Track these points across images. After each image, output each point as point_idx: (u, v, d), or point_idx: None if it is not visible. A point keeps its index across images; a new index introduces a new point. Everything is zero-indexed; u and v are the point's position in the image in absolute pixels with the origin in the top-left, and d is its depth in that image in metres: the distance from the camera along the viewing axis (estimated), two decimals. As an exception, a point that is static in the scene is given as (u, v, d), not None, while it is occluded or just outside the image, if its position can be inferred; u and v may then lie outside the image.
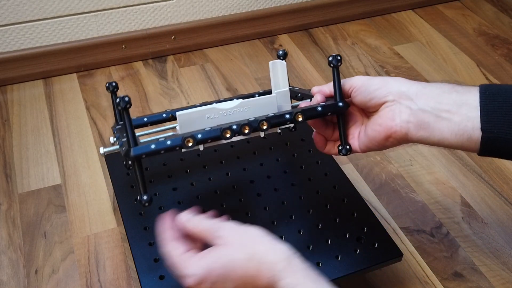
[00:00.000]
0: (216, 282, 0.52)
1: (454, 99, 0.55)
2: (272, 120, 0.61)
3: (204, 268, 0.52)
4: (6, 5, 1.03)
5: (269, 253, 0.52)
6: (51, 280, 0.76)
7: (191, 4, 1.18)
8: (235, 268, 0.52)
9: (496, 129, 0.53)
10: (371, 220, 0.73)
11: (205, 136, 0.59)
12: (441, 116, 0.55)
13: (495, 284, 0.77)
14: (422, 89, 0.57)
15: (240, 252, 0.52)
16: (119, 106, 0.57)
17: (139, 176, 0.59)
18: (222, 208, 0.74)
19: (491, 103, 0.53)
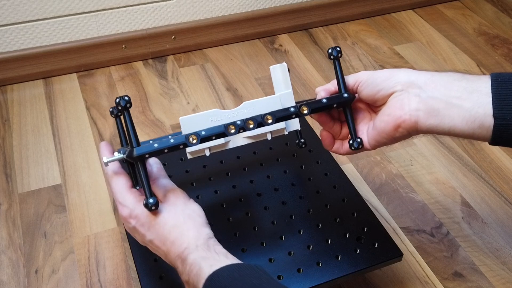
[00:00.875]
0: (142, 225, 0.58)
1: (465, 86, 0.54)
2: (277, 114, 0.60)
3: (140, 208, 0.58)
4: (6, 5, 1.03)
5: (193, 229, 0.57)
6: (51, 280, 0.76)
7: (191, 4, 1.17)
8: (162, 226, 0.57)
9: (509, 116, 0.51)
10: (371, 220, 0.73)
11: (209, 133, 0.58)
12: (451, 103, 0.54)
13: (495, 284, 0.77)
14: (431, 77, 0.56)
15: (173, 217, 0.57)
16: (119, 105, 0.57)
17: (143, 178, 0.57)
18: (223, 208, 0.74)
19: (503, 89, 0.51)
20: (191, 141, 0.57)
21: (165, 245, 0.57)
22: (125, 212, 0.59)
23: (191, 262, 0.54)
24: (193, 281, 0.54)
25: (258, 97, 1.10)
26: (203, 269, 0.53)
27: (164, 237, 0.57)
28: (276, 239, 0.70)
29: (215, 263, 0.53)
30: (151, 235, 0.58)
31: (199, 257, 0.54)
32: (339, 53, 0.63)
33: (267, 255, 0.68)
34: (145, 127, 1.02)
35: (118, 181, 0.61)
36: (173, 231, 0.57)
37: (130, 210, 0.59)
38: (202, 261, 0.54)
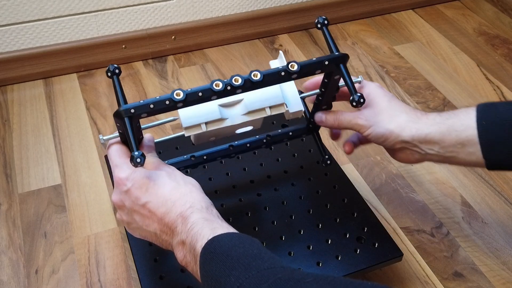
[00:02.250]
0: (139, 187, 0.56)
1: (456, 140, 0.60)
2: (264, 72, 0.58)
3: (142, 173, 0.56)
4: (6, 5, 1.03)
5: (197, 192, 0.56)
6: (51, 280, 0.76)
7: (191, 4, 1.18)
8: (161, 187, 0.56)
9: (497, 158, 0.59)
10: (371, 220, 0.73)
11: (195, 89, 0.56)
12: (447, 156, 0.62)
13: (495, 284, 0.77)
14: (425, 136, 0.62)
15: (173, 180, 0.56)
16: (109, 71, 0.56)
17: (130, 133, 0.55)
18: (222, 208, 0.74)
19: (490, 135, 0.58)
20: (175, 96, 0.55)
21: (164, 205, 0.55)
22: (122, 173, 0.57)
23: (194, 221, 0.53)
24: (191, 240, 0.52)
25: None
26: (205, 229, 0.52)
27: (164, 197, 0.55)
28: (276, 239, 0.70)
29: (218, 228, 0.52)
30: (147, 197, 0.55)
31: (203, 218, 0.53)
32: (325, 20, 0.63)
33: (267, 255, 0.68)
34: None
35: (117, 148, 0.60)
36: (175, 192, 0.55)
37: (127, 172, 0.57)
38: (205, 222, 0.53)
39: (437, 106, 1.08)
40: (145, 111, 0.55)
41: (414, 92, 1.12)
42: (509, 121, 0.57)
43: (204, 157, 0.70)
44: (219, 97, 0.57)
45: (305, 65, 0.59)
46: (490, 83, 1.14)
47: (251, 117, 0.61)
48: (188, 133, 0.61)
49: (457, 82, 1.14)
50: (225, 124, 0.61)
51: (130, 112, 0.55)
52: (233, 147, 0.71)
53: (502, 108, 0.59)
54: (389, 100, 0.64)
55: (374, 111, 0.64)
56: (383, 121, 0.63)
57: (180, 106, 0.56)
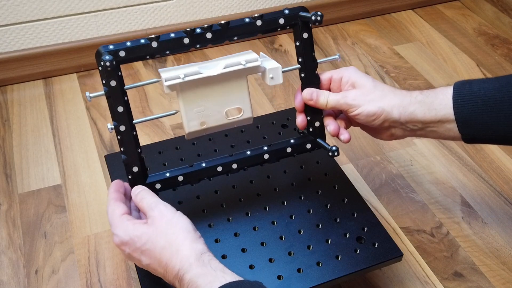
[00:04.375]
0: (135, 251, 0.58)
1: (435, 117, 0.64)
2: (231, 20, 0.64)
3: (129, 235, 0.58)
4: (6, 5, 1.03)
5: (184, 248, 0.56)
6: (51, 280, 0.76)
7: (191, 4, 1.18)
8: (152, 250, 0.57)
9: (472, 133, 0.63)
10: (371, 220, 0.73)
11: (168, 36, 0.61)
12: (428, 131, 0.66)
13: (495, 284, 0.77)
14: (409, 114, 0.65)
15: (161, 238, 0.57)
16: None
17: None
18: (222, 208, 0.74)
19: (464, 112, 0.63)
20: (150, 38, 0.60)
21: (161, 267, 0.57)
22: (116, 240, 0.60)
23: (188, 281, 0.54)
24: None
25: (258, 97, 1.10)
26: (201, 287, 0.53)
27: (158, 260, 0.57)
28: (276, 239, 0.70)
29: (214, 280, 0.53)
30: (146, 260, 0.58)
31: (195, 275, 0.54)
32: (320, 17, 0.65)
33: (267, 255, 0.68)
34: (145, 127, 1.02)
35: (113, 209, 0.61)
36: (164, 252, 0.57)
37: (120, 238, 0.59)
38: (199, 279, 0.53)
39: (437, 106, 1.08)
40: (122, 48, 0.60)
41: (414, 92, 1.12)
42: (481, 98, 0.61)
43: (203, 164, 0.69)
44: (191, 40, 0.62)
45: (268, 13, 0.65)
46: (490, 83, 1.14)
47: (227, 69, 0.63)
48: (169, 83, 0.61)
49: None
50: (203, 75, 0.62)
51: (108, 48, 0.60)
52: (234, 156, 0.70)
53: (476, 85, 0.63)
54: (373, 81, 0.66)
55: (362, 91, 0.66)
56: (374, 100, 0.65)
57: (155, 47, 0.61)
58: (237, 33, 0.64)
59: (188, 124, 0.65)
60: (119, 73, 0.61)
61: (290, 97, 1.09)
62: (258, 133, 0.86)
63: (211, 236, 0.71)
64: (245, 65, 0.64)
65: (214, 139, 0.85)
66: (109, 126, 0.62)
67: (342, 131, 0.68)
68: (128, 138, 0.62)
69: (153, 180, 0.66)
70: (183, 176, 0.67)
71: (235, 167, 0.69)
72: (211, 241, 0.70)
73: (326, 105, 0.67)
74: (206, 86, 0.64)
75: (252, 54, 0.66)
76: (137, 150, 0.64)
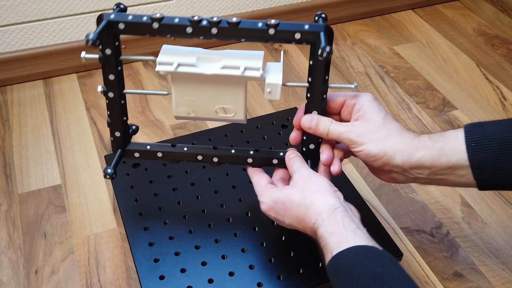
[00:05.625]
0: (278, 213, 0.61)
1: (446, 164, 0.60)
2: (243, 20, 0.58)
3: (272, 199, 0.61)
4: (6, 5, 1.03)
5: (318, 202, 0.57)
6: (51, 281, 0.76)
7: (191, 4, 1.18)
8: (290, 207, 0.59)
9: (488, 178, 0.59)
10: (371, 220, 0.73)
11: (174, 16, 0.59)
12: (436, 179, 0.62)
13: (495, 284, 0.77)
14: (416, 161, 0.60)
15: (297, 195, 0.59)
16: None
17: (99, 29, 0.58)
18: (222, 208, 0.74)
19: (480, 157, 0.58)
20: (153, 18, 0.58)
21: (299, 223, 0.59)
22: (263, 207, 0.63)
23: (320, 236, 0.55)
24: (323, 254, 0.55)
25: (258, 97, 1.10)
26: (329, 245, 0.54)
27: (296, 217, 0.59)
28: (276, 240, 0.70)
29: (342, 240, 0.53)
30: (288, 219, 0.60)
31: (327, 232, 0.55)
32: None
33: (267, 256, 0.68)
34: (145, 128, 1.02)
35: (258, 179, 0.65)
36: (300, 208, 0.58)
37: (265, 204, 0.62)
38: (329, 236, 0.54)
39: (436, 106, 1.08)
40: (123, 20, 0.59)
41: (413, 92, 1.12)
42: (497, 141, 0.57)
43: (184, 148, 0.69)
44: (195, 30, 0.58)
45: (285, 23, 0.58)
46: (490, 83, 1.14)
47: (223, 72, 0.60)
48: (159, 69, 0.60)
49: (456, 82, 1.14)
50: (197, 70, 0.60)
51: (110, 17, 0.59)
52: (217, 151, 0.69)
53: (490, 128, 0.59)
54: (383, 117, 0.61)
55: (368, 127, 0.61)
56: (377, 140, 0.60)
57: (156, 28, 0.58)
58: (246, 35, 0.59)
59: (176, 109, 0.65)
60: (116, 43, 0.61)
61: (290, 97, 1.09)
62: (258, 133, 0.86)
63: (211, 236, 0.71)
64: (243, 73, 0.60)
65: (213, 139, 0.85)
66: (99, 89, 0.64)
67: (334, 161, 0.65)
68: (115, 105, 0.65)
69: (133, 148, 0.68)
70: (162, 153, 0.68)
71: (216, 160, 0.68)
72: (211, 241, 0.70)
73: (327, 135, 0.63)
74: (200, 80, 0.62)
75: (257, 61, 0.61)
76: (122, 118, 0.66)
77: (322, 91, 0.62)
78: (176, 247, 0.69)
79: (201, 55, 0.61)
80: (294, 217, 0.59)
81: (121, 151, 0.68)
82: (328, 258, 0.53)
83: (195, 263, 0.67)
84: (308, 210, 0.57)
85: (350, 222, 0.55)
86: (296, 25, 0.58)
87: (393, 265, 0.51)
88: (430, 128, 1.03)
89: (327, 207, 0.57)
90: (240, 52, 0.62)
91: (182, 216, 0.73)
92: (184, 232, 0.71)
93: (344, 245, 0.52)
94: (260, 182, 0.65)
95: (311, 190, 0.59)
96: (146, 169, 0.80)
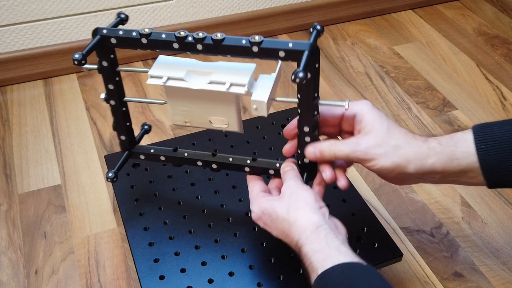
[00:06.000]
0: (265, 224, 0.62)
1: (458, 167, 0.59)
2: (228, 37, 0.59)
3: (260, 209, 0.62)
4: (6, 5, 1.03)
5: (301, 219, 0.57)
6: (51, 281, 0.76)
7: (191, 4, 1.17)
8: (276, 220, 0.60)
9: (498, 179, 0.59)
10: (371, 220, 0.73)
11: (161, 32, 0.60)
12: (447, 180, 0.62)
13: (495, 284, 0.77)
14: (428, 167, 0.59)
15: (282, 210, 0.59)
16: None
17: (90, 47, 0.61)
18: (222, 208, 0.74)
19: (490, 159, 0.58)
20: (142, 31, 0.60)
21: (286, 238, 0.59)
22: (252, 216, 0.63)
23: (304, 255, 0.55)
24: (308, 273, 0.55)
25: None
26: (314, 264, 0.53)
27: (282, 231, 0.59)
28: (276, 240, 0.70)
29: (326, 258, 0.53)
30: (274, 231, 0.61)
31: (311, 250, 0.54)
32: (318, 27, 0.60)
33: (267, 256, 0.68)
34: (145, 128, 1.02)
35: (252, 185, 0.66)
36: (284, 223, 0.58)
37: (255, 213, 0.62)
38: (313, 255, 0.54)
39: (436, 106, 1.08)
40: (114, 35, 0.61)
41: (413, 92, 1.12)
42: (506, 142, 0.57)
43: (185, 154, 0.71)
44: (181, 46, 0.59)
45: (268, 40, 0.57)
46: (490, 83, 1.14)
47: (209, 87, 0.60)
48: (150, 82, 0.62)
49: (456, 82, 1.14)
50: (184, 85, 0.61)
51: (102, 31, 0.61)
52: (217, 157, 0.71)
53: (498, 129, 0.58)
54: (387, 127, 0.60)
55: (374, 141, 0.59)
56: (387, 154, 0.59)
57: (145, 43, 0.60)
58: (230, 51, 0.60)
59: (173, 118, 0.67)
60: (111, 56, 0.64)
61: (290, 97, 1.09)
62: (258, 133, 0.86)
63: (211, 236, 0.71)
64: (228, 89, 0.60)
65: (213, 139, 0.85)
66: (101, 96, 0.68)
67: (339, 177, 0.64)
68: (117, 112, 0.69)
69: (138, 150, 0.73)
70: (165, 157, 0.72)
71: (215, 167, 0.71)
72: (211, 241, 0.70)
73: (335, 159, 0.62)
74: (191, 93, 0.62)
75: (244, 76, 0.61)
76: (125, 123, 0.70)
77: (312, 108, 0.60)
78: (176, 247, 0.69)
79: (192, 68, 0.62)
80: (279, 230, 0.60)
81: (127, 153, 0.73)
82: (314, 278, 0.53)
83: (195, 263, 0.67)
84: (292, 227, 0.57)
85: (334, 239, 0.55)
86: (280, 43, 0.57)
87: (379, 280, 0.51)
88: (430, 128, 1.03)
89: (310, 225, 0.56)
90: (231, 65, 0.63)
91: (182, 216, 0.73)
92: (184, 232, 0.71)
93: (328, 263, 0.52)
94: (253, 189, 0.65)
95: (296, 206, 0.58)
96: (146, 169, 0.80)
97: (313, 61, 0.57)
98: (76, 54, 0.60)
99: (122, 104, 0.69)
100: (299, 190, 0.60)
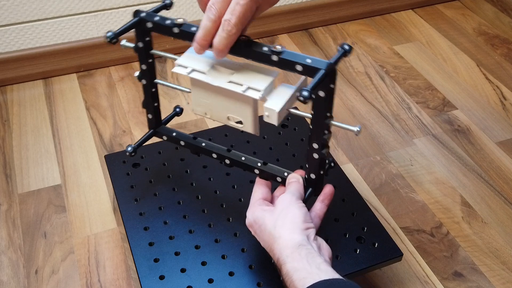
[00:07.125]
0: (255, 233, 0.63)
1: None
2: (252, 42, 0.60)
3: (253, 217, 0.63)
4: (6, 5, 1.03)
5: (284, 237, 0.58)
6: (51, 281, 0.76)
7: (191, 4, 1.17)
8: (263, 232, 0.61)
9: None
10: (371, 220, 0.73)
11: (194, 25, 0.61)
12: None
13: (495, 284, 0.77)
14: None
15: (270, 223, 0.60)
16: None
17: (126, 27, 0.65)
18: (222, 208, 0.74)
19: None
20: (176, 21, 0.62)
21: (270, 251, 0.60)
22: (246, 222, 0.64)
23: (285, 273, 0.55)
24: (288, 286, 0.55)
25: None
26: (295, 283, 0.54)
27: (267, 244, 0.60)
28: (276, 239, 0.70)
29: (307, 276, 0.53)
30: (262, 242, 0.62)
31: (292, 269, 0.55)
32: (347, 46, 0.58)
33: (267, 256, 0.68)
34: (145, 128, 1.01)
35: (254, 190, 0.66)
36: (269, 238, 0.59)
37: (248, 219, 0.64)
38: (294, 274, 0.54)
39: (436, 106, 1.08)
40: (150, 20, 0.64)
41: (413, 92, 1.12)
42: None
43: (202, 144, 0.74)
44: None
45: (289, 52, 0.57)
46: (490, 83, 1.14)
47: (227, 86, 0.61)
48: (175, 70, 0.64)
49: (456, 82, 1.14)
50: (205, 79, 0.62)
51: (140, 14, 0.65)
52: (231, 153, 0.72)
53: None
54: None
55: None
56: None
57: (176, 32, 0.63)
58: (251, 56, 0.60)
59: (195, 108, 0.68)
60: (146, 38, 0.67)
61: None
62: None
63: (211, 236, 0.71)
64: (244, 92, 0.60)
65: (214, 139, 0.85)
66: (135, 74, 0.72)
67: None
68: (147, 91, 0.72)
69: (162, 131, 0.76)
70: (185, 143, 0.74)
71: (228, 162, 0.72)
72: (211, 241, 0.70)
73: None
74: (213, 88, 0.63)
75: (263, 82, 0.60)
76: (153, 103, 0.73)
77: (323, 126, 0.60)
78: (176, 247, 0.69)
79: (218, 64, 0.63)
80: (265, 242, 0.61)
81: (152, 131, 0.76)
82: None
83: (195, 263, 0.67)
84: (275, 243, 0.58)
85: (315, 257, 0.55)
86: (299, 57, 0.57)
87: None
88: (430, 128, 1.03)
89: (292, 244, 0.56)
90: (257, 68, 0.62)
91: (182, 216, 0.73)
92: (184, 232, 0.71)
93: (309, 281, 0.52)
94: (254, 195, 0.66)
95: (282, 222, 0.59)
96: (146, 169, 0.80)
97: (328, 81, 0.56)
98: (109, 32, 0.62)
99: (153, 85, 0.72)
100: (290, 207, 0.61)
